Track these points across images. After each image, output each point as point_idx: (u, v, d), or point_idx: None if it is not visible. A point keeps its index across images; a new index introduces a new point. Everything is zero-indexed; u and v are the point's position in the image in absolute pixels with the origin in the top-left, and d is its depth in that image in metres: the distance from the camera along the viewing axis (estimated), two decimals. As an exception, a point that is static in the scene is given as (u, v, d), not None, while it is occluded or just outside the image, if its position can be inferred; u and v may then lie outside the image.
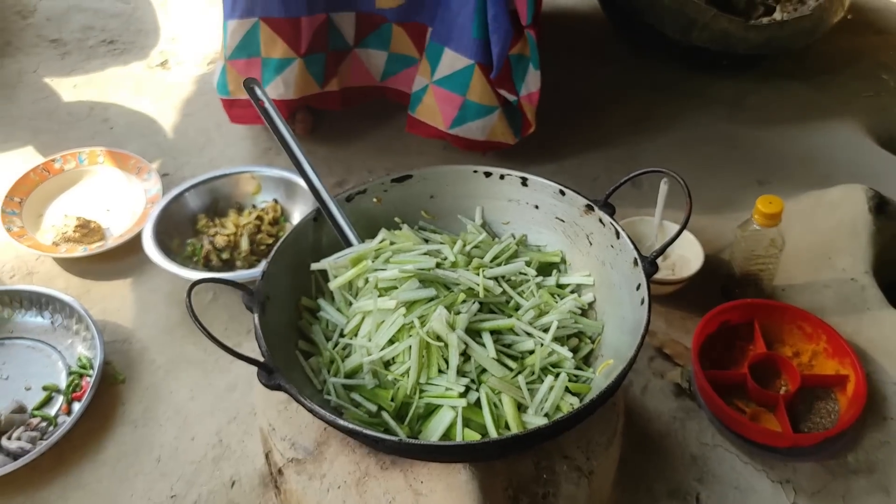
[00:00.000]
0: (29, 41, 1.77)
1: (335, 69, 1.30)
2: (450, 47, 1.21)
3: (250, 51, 1.24)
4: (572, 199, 0.89)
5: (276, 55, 1.23)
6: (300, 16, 1.20)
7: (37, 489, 0.94)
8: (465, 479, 0.74)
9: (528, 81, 1.26)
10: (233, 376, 1.06)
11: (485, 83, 1.23)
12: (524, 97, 1.27)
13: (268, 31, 1.21)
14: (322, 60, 1.27)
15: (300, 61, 1.24)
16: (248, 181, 1.30)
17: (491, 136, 1.30)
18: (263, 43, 1.22)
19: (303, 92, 1.29)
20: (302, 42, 1.22)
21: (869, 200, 1.19)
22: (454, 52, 1.20)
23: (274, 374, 0.70)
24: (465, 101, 1.24)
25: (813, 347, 1.03)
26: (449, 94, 1.24)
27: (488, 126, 1.28)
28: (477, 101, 1.25)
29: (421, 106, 1.28)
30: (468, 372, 0.77)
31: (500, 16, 1.14)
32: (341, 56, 1.31)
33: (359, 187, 0.92)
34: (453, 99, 1.24)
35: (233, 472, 0.95)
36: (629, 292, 0.80)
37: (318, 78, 1.29)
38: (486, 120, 1.27)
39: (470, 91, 1.23)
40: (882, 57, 1.70)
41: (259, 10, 1.20)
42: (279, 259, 0.83)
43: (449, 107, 1.25)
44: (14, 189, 1.31)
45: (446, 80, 1.23)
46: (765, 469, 0.93)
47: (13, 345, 1.10)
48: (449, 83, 1.23)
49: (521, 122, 1.31)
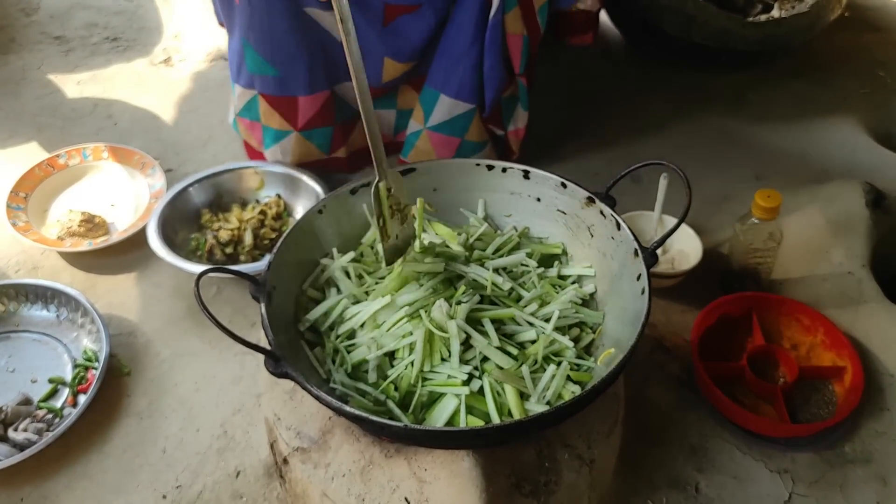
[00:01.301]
0: (33, 38, 1.78)
1: (344, 139, 1.32)
2: (446, 94, 1.21)
3: (252, 115, 1.27)
4: (574, 191, 0.90)
5: (273, 126, 1.25)
6: (297, 95, 1.21)
7: (43, 480, 0.95)
8: (469, 467, 0.75)
9: (515, 118, 1.29)
10: (237, 368, 1.07)
11: (479, 123, 1.26)
12: (511, 132, 1.30)
13: (265, 105, 1.23)
14: (329, 133, 1.28)
15: (296, 134, 1.25)
16: (252, 176, 1.31)
17: None
18: (262, 114, 1.25)
19: (302, 159, 1.30)
20: (299, 118, 1.24)
21: (865, 195, 1.20)
22: (453, 99, 1.21)
23: (281, 363, 0.71)
24: (463, 142, 1.26)
25: (810, 340, 1.04)
26: (447, 138, 1.26)
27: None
28: (473, 140, 1.27)
29: (414, 151, 1.29)
30: (471, 360, 0.78)
31: (496, 66, 1.17)
32: (351, 125, 1.32)
33: (363, 181, 0.93)
34: (451, 141, 1.26)
35: (237, 463, 0.96)
36: (630, 283, 0.81)
37: (323, 148, 1.30)
38: (479, 154, 1.29)
39: (468, 133, 1.25)
40: (879, 54, 1.71)
41: (258, 87, 1.22)
42: (285, 250, 0.85)
43: (445, 150, 1.27)
44: (19, 184, 1.32)
45: (444, 126, 1.24)
46: (763, 459, 0.94)
47: (19, 338, 1.11)
48: (447, 128, 1.25)
49: (506, 151, 1.34)
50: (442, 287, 0.85)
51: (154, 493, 0.93)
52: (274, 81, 1.19)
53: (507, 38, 1.15)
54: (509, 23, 1.13)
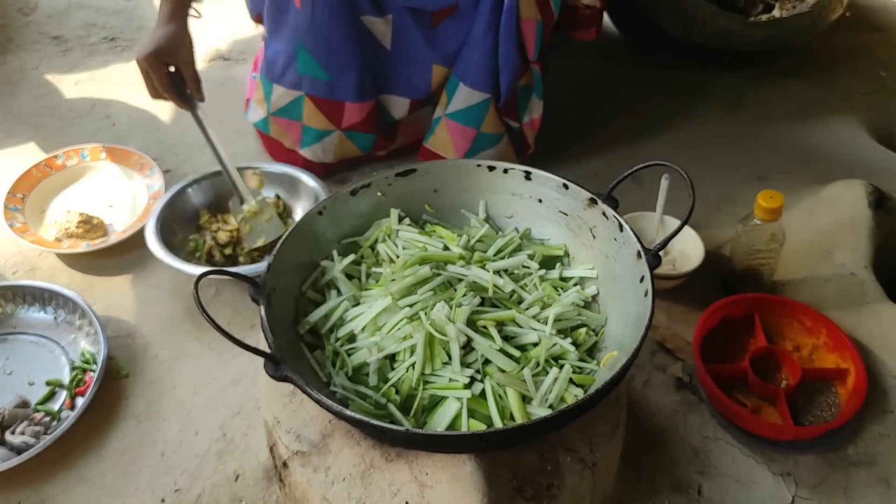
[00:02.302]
0: (30, 38, 1.77)
1: (386, 144, 1.35)
2: (465, 83, 1.23)
3: (292, 115, 1.28)
4: (576, 192, 0.89)
5: (316, 126, 1.27)
6: (345, 100, 1.24)
7: (41, 483, 0.94)
8: (470, 471, 0.74)
9: (531, 109, 1.31)
10: (236, 371, 1.07)
11: (494, 114, 1.27)
12: (526, 124, 1.31)
13: (311, 106, 1.25)
14: (371, 140, 1.31)
15: (340, 133, 1.28)
16: (251, 177, 1.30)
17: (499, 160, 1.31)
18: (306, 115, 1.27)
19: (342, 157, 1.33)
20: (344, 120, 1.26)
21: (868, 196, 1.20)
22: (470, 88, 1.23)
23: (281, 366, 0.70)
24: (479, 134, 1.27)
25: (813, 341, 1.03)
26: (462, 128, 1.27)
27: (497, 152, 1.31)
28: (489, 131, 1.28)
29: (433, 137, 1.30)
30: (472, 363, 0.78)
31: (511, 51, 1.18)
32: (393, 130, 1.35)
33: (363, 181, 0.92)
34: (467, 132, 1.27)
35: (237, 466, 0.95)
36: (633, 285, 0.80)
37: (364, 150, 1.33)
38: (496, 148, 1.30)
39: (484, 124, 1.26)
40: (880, 54, 1.71)
41: (305, 88, 1.24)
42: (285, 252, 0.84)
43: (462, 140, 1.28)
44: (16, 185, 1.31)
45: (460, 114, 1.25)
46: (766, 462, 0.94)
47: (16, 340, 1.10)
48: (463, 117, 1.26)
49: (523, 144, 1.35)
50: (441, 289, 0.84)
51: (152, 497, 0.93)
52: (324, 85, 1.23)
53: (522, 23, 1.16)
54: (524, 8, 1.15)
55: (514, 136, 1.33)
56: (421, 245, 0.90)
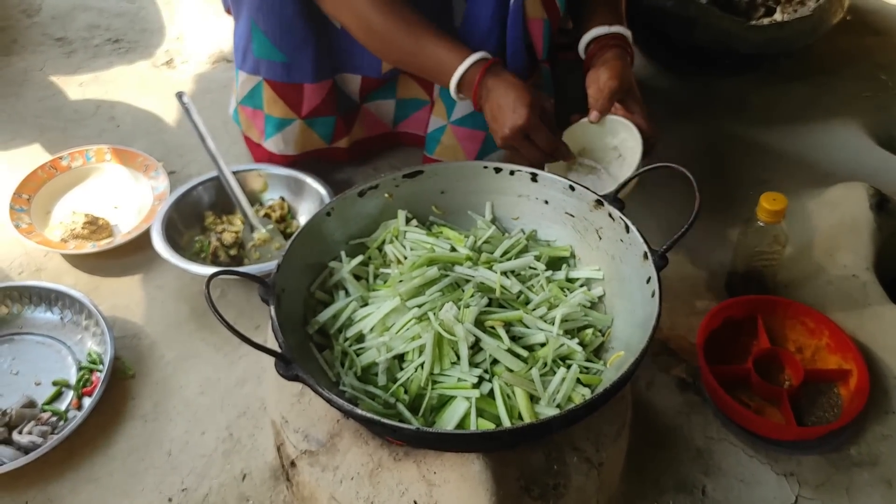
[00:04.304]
0: (34, 39, 1.77)
1: (346, 130, 1.32)
2: None
3: (255, 103, 1.26)
4: (582, 194, 0.90)
5: (276, 114, 1.25)
6: (303, 83, 1.21)
7: (48, 483, 0.94)
8: (479, 470, 0.75)
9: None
10: (242, 371, 1.07)
11: None
12: None
13: (270, 91, 1.22)
14: (332, 123, 1.28)
15: (300, 122, 1.25)
16: (256, 179, 1.31)
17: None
18: (266, 101, 1.24)
19: (304, 149, 1.30)
20: (304, 106, 1.23)
21: (870, 198, 1.20)
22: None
23: (292, 365, 0.71)
24: (487, 136, 1.24)
25: (816, 343, 1.04)
26: (471, 132, 1.24)
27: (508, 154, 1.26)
28: None
29: (440, 147, 1.28)
30: (480, 363, 0.78)
31: (518, 53, 1.15)
32: (352, 116, 1.32)
33: (371, 183, 0.93)
34: (476, 135, 1.25)
35: (243, 466, 0.96)
36: (639, 286, 0.81)
37: (326, 138, 1.30)
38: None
39: None
40: (880, 58, 1.72)
41: (263, 72, 1.21)
42: (294, 253, 0.85)
43: (471, 144, 1.26)
44: (22, 186, 1.32)
45: (467, 119, 1.23)
46: (769, 462, 0.94)
47: (23, 340, 1.11)
48: (470, 121, 1.23)
49: None
50: (449, 290, 0.85)
51: (160, 496, 0.93)
52: (281, 67, 1.19)
53: (529, 23, 1.14)
54: (529, 7, 1.12)
55: None
56: (428, 246, 0.90)
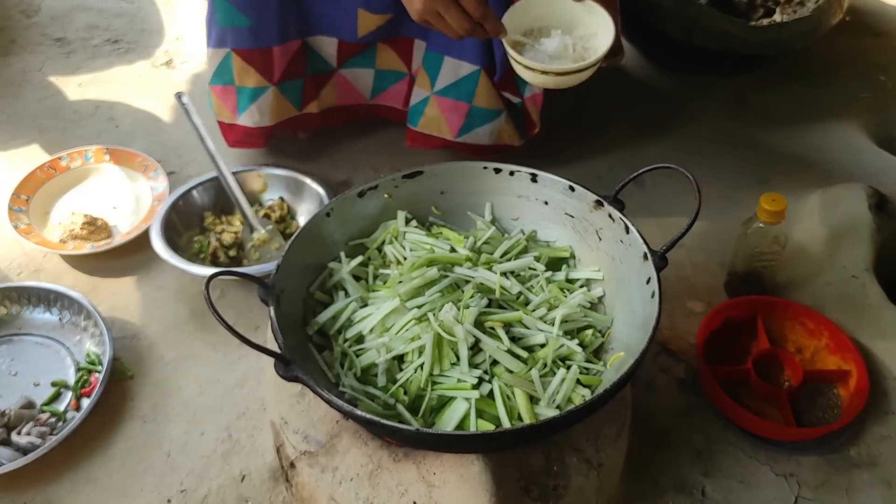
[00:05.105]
0: (33, 40, 1.77)
1: (315, 93, 1.29)
2: (451, 55, 1.19)
3: (225, 79, 1.24)
4: (582, 194, 0.90)
5: (249, 84, 1.23)
6: (271, 46, 1.19)
7: (47, 483, 0.94)
8: (478, 471, 0.75)
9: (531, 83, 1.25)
10: (241, 372, 1.07)
11: (490, 87, 1.22)
12: (528, 99, 1.27)
13: (239, 61, 1.20)
14: (299, 86, 1.26)
15: (274, 89, 1.23)
16: (255, 179, 1.31)
17: (497, 139, 1.29)
18: (236, 73, 1.22)
19: (279, 118, 1.28)
20: (275, 71, 1.22)
21: (869, 199, 1.20)
22: (457, 60, 1.18)
23: (291, 366, 0.71)
24: (472, 108, 1.23)
25: (815, 343, 1.04)
26: (454, 103, 1.23)
27: (495, 130, 1.27)
28: (483, 106, 1.24)
29: (423, 119, 1.26)
30: (480, 364, 0.78)
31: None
32: (323, 79, 1.29)
33: (370, 183, 0.93)
34: (459, 107, 1.23)
35: (243, 467, 0.95)
36: (639, 287, 0.81)
37: (295, 103, 1.28)
38: (493, 124, 1.26)
39: (476, 97, 1.22)
40: (879, 58, 1.72)
41: (230, 42, 1.19)
42: (293, 254, 0.84)
43: (455, 115, 1.24)
44: (21, 187, 1.31)
45: (450, 89, 1.22)
46: (769, 463, 0.94)
47: (21, 341, 1.10)
48: (454, 91, 1.22)
49: (526, 122, 1.31)
50: (449, 291, 0.85)
51: (159, 497, 0.93)
52: (247, 32, 1.17)
53: None
54: None
55: (515, 113, 1.29)
56: (428, 247, 0.90)
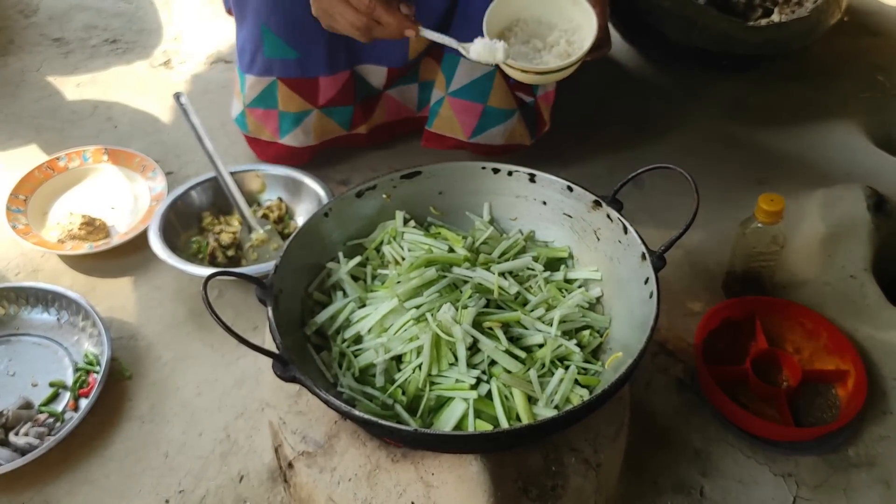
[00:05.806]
0: (31, 40, 1.77)
1: (364, 117, 1.32)
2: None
3: (268, 103, 1.26)
4: (580, 195, 0.90)
5: (292, 109, 1.25)
6: (318, 76, 1.21)
7: (45, 484, 0.94)
8: (476, 471, 0.74)
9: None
10: (239, 372, 1.07)
11: (505, 87, 1.23)
12: (541, 97, 1.28)
13: (285, 89, 1.22)
14: (349, 112, 1.28)
15: (318, 112, 1.25)
16: (254, 179, 1.30)
17: (510, 139, 1.29)
18: (281, 99, 1.24)
19: (324, 137, 1.30)
20: (320, 97, 1.24)
21: (867, 199, 1.21)
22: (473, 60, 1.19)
23: (289, 366, 0.71)
24: (486, 108, 1.23)
25: (814, 343, 1.04)
26: (468, 104, 1.24)
27: (508, 130, 1.27)
28: (498, 105, 1.24)
29: (438, 119, 1.27)
30: (478, 364, 0.78)
31: None
32: (372, 102, 1.32)
33: (368, 183, 0.93)
34: (473, 108, 1.24)
35: (241, 467, 0.95)
36: (637, 287, 0.81)
37: (344, 125, 1.30)
38: (506, 124, 1.27)
39: (491, 97, 1.22)
40: (878, 58, 1.72)
41: (276, 72, 1.21)
42: (291, 254, 0.84)
43: (468, 116, 1.25)
44: (18, 187, 1.31)
45: (464, 90, 1.22)
46: (767, 463, 0.94)
47: (19, 341, 1.10)
48: (468, 92, 1.23)
49: (537, 121, 1.31)
50: (447, 291, 0.85)
51: (157, 498, 0.93)
52: (294, 64, 1.19)
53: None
54: None
55: (527, 112, 1.29)
56: (426, 247, 0.90)
